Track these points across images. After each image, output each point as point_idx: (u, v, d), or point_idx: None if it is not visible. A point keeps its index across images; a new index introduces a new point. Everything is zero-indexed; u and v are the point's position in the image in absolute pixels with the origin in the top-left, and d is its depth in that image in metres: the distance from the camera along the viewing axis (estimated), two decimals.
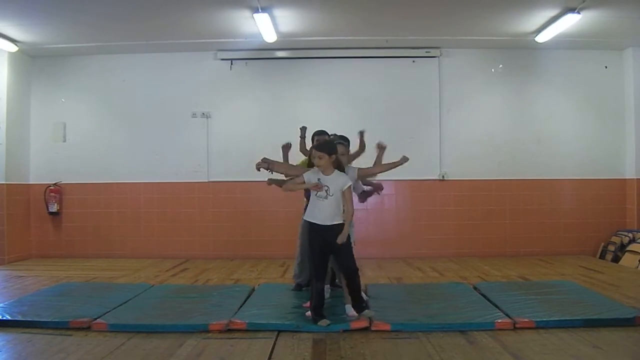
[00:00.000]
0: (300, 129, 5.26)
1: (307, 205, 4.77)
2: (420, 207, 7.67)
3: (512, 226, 7.64)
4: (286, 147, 5.00)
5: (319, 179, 3.89)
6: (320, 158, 3.89)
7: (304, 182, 3.96)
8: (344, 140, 4.49)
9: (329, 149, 3.92)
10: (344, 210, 3.93)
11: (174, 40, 7.17)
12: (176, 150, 7.72)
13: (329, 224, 3.88)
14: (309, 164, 4.31)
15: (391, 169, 4.36)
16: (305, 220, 4.13)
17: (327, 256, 3.96)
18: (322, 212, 3.89)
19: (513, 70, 7.74)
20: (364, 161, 4.76)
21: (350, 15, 6.38)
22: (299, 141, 5.22)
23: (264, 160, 4.12)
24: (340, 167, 4.01)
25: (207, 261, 7.27)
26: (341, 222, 3.91)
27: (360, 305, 3.97)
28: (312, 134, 5.04)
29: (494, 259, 7.26)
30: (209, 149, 7.72)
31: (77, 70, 7.84)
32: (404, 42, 7.37)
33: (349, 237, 3.99)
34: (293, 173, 4.22)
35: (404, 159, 4.27)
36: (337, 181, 3.90)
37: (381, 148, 4.60)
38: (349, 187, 3.93)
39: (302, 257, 4.91)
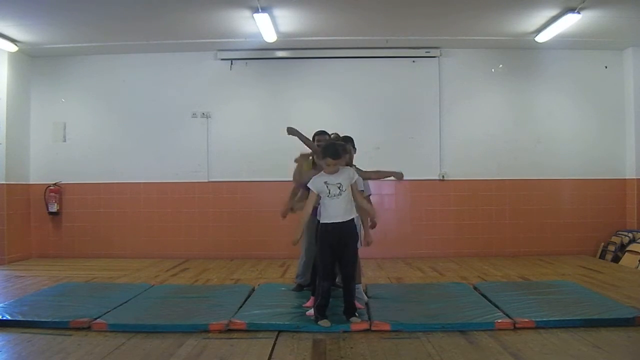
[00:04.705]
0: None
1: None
2: (420, 207, 7.67)
3: (512, 226, 7.63)
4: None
5: (325, 182, 3.90)
6: (327, 165, 3.92)
7: (314, 195, 3.95)
8: (347, 141, 4.48)
9: (333, 153, 3.90)
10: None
11: (174, 40, 7.17)
12: (176, 150, 7.71)
13: (346, 219, 3.92)
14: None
15: (385, 177, 4.61)
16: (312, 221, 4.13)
17: (336, 256, 3.97)
18: (338, 209, 3.90)
19: (513, 70, 7.74)
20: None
21: (350, 15, 6.38)
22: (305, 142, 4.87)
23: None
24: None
25: (207, 261, 7.27)
26: (353, 217, 3.96)
27: (351, 310, 3.97)
28: (312, 134, 5.02)
29: (494, 259, 7.26)
30: (209, 149, 7.72)
31: (77, 70, 7.84)
32: (404, 42, 7.38)
33: (356, 242, 4.05)
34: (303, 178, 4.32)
35: (399, 176, 4.39)
36: (345, 175, 3.93)
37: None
38: (355, 181, 3.97)
39: (307, 257, 4.87)
